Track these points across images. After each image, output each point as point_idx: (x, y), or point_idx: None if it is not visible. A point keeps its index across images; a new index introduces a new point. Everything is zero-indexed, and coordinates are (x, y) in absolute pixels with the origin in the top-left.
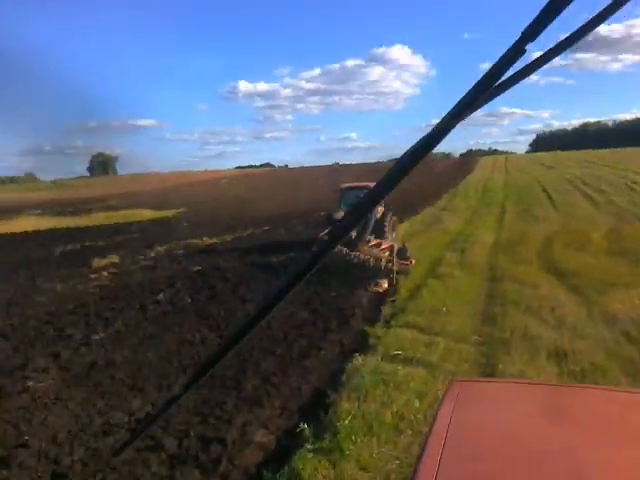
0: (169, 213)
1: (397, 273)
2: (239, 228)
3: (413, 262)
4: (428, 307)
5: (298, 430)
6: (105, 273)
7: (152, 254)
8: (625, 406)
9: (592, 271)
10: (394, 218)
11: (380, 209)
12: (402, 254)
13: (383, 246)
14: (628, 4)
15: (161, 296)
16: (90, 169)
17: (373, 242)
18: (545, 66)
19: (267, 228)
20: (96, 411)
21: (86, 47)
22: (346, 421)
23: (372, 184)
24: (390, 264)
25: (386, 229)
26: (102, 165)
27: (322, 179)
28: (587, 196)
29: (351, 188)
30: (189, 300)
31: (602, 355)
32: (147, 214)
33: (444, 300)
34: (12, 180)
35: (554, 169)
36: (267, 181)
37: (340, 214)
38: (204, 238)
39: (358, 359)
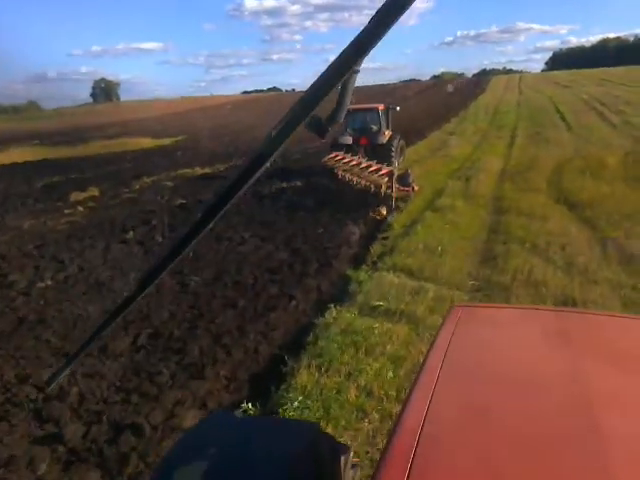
0: (167, 141)
1: (397, 200)
2: (235, 157)
3: (416, 188)
4: (422, 245)
5: (240, 412)
6: (81, 208)
7: (137, 186)
8: (628, 332)
9: (607, 201)
10: (402, 142)
11: (387, 132)
12: (404, 180)
13: (382, 171)
14: None
15: (130, 234)
16: (93, 96)
17: (373, 167)
18: None
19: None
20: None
21: None
22: (296, 402)
23: (378, 105)
24: (389, 190)
25: (393, 153)
26: (105, 92)
27: (329, 104)
28: (604, 117)
29: (356, 110)
30: (160, 239)
31: (618, 305)
32: (145, 142)
33: (441, 237)
34: (15, 109)
35: (570, 88)
36: (272, 106)
37: (346, 138)
38: (196, 168)
39: (332, 312)
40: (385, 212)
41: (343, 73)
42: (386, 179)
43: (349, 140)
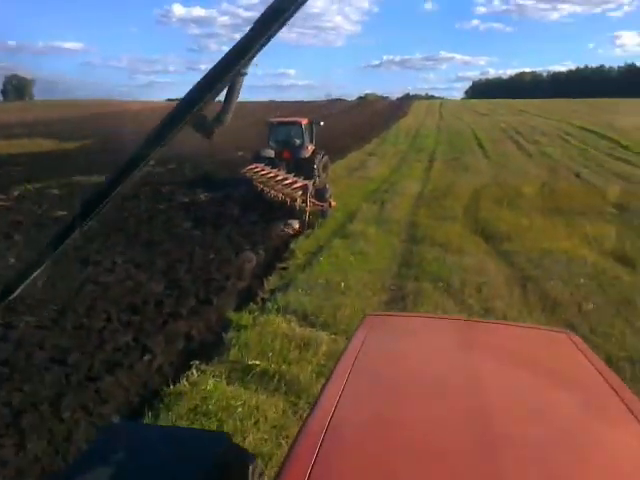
0: (72, 145)
1: (311, 215)
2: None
3: (333, 204)
4: (324, 280)
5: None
6: None
7: (16, 193)
8: (526, 340)
9: (525, 234)
10: (325, 158)
11: (310, 147)
12: (321, 195)
13: (296, 185)
14: None
15: None
16: (4, 92)
17: (288, 180)
18: (484, 9)
19: (172, 167)
20: None
21: None
22: None
23: (302, 119)
24: (304, 204)
25: (315, 168)
26: (16, 89)
27: (252, 117)
28: (520, 146)
29: (280, 123)
30: (12, 260)
31: None
32: (47, 145)
33: (346, 270)
34: None
35: (488, 116)
36: None
37: (269, 152)
38: (94, 176)
39: (192, 375)
40: (297, 226)
41: (223, 76)
42: (300, 192)
43: (271, 153)
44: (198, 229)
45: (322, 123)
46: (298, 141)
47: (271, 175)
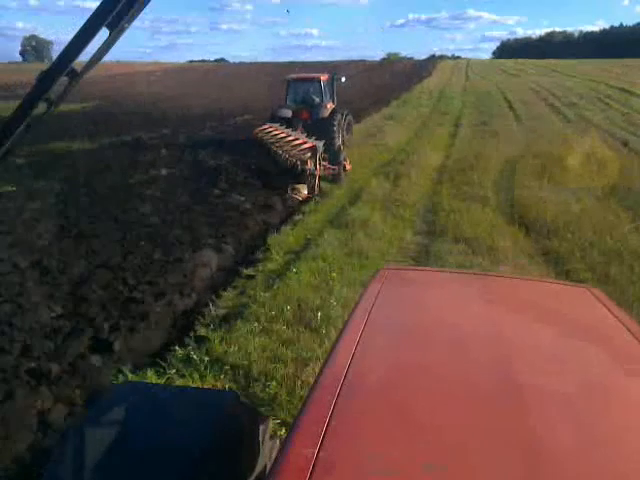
0: (74, 107)
1: (323, 178)
2: (134, 129)
3: (348, 167)
4: (294, 304)
5: None
6: None
7: None
8: (545, 294)
9: (578, 225)
10: (349, 117)
11: (330, 105)
12: (334, 156)
13: (304, 146)
14: None
15: None
16: (22, 54)
17: (298, 141)
18: None
19: (165, 131)
20: None
21: None
22: None
23: (321, 75)
24: (314, 168)
25: (335, 128)
26: (36, 50)
27: (272, 77)
28: (555, 109)
29: (299, 79)
30: None
31: None
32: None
33: (331, 287)
34: None
35: (518, 77)
36: (213, 77)
37: (285, 111)
38: (76, 142)
39: None
40: (306, 192)
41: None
42: (308, 154)
43: (288, 113)
44: (155, 215)
45: (344, 79)
46: (317, 99)
47: (282, 135)
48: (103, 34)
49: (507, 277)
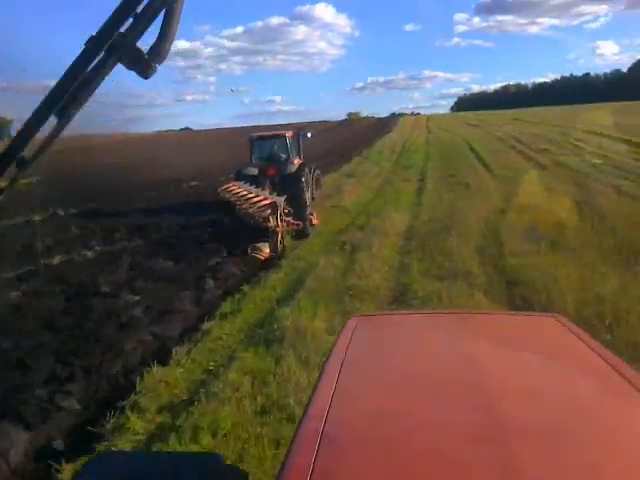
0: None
1: (289, 235)
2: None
3: (315, 221)
4: None
5: None
6: None
7: None
8: (516, 328)
9: (604, 309)
10: (317, 172)
11: (297, 161)
12: (300, 211)
13: (263, 202)
14: None
15: None
16: None
17: (257, 198)
18: (465, 27)
19: (92, 205)
20: None
21: None
22: None
23: (286, 132)
24: (274, 224)
25: (303, 184)
26: None
27: (233, 141)
28: (527, 157)
29: (262, 137)
30: None
31: None
32: None
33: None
34: None
35: (480, 127)
36: (174, 145)
37: (251, 169)
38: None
39: None
40: (268, 250)
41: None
42: (268, 211)
43: (254, 171)
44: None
45: (310, 134)
46: (283, 155)
47: (242, 193)
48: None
49: (475, 313)
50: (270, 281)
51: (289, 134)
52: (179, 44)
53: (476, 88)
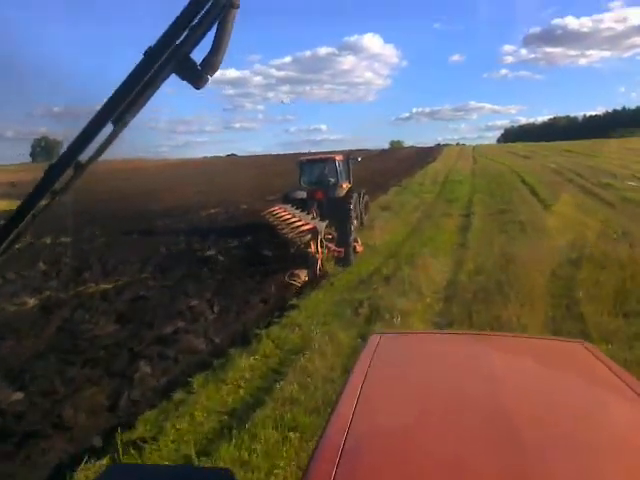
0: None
1: (334, 261)
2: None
3: (359, 249)
4: None
5: None
6: None
7: None
8: (537, 351)
9: None
10: (366, 197)
11: (346, 185)
12: (344, 238)
13: (304, 227)
14: None
15: None
16: (32, 155)
17: (297, 222)
18: (512, 59)
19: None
20: None
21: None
22: None
23: (336, 155)
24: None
25: (351, 209)
26: (45, 150)
27: (272, 168)
28: (589, 192)
29: (312, 161)
30: None
31: None
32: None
33: None
34: None
35: (530, 159)
36: (212, 170)
37: (299, 193)
38: None
39: None
40: (305, 277)
41: (209, 10)
42: (308, 236)
43: (302, 194)
44: None
45: (360, 159)
46: (332, 179)
47: (286, 217)
48: (108, 128)
49: (500, 335)
50: (233, 387)
51: (339, 157)
52: (229, 73)
53: (523, 120)
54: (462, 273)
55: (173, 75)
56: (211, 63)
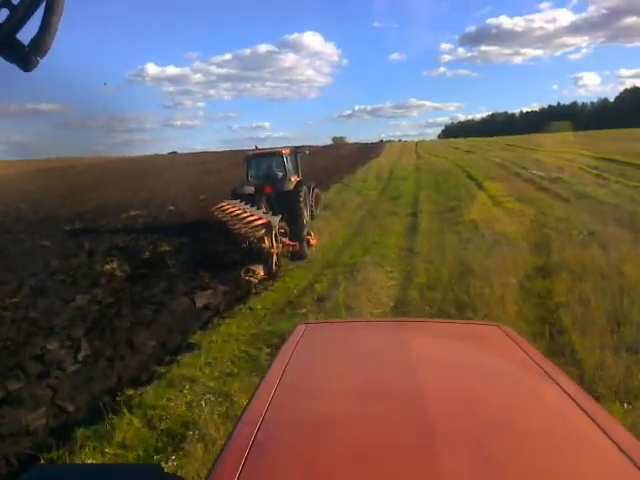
0: None
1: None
2: None
3: (313, 242)
4: None
5: None
6: None
7: None
8: (457, 335)
9: None
10: (316, 190)
11: (294, 179)
12: (297, 232)
13: (257, 222)
14: None
15: None
16: None
17: (251, 217)
18: (450, 57)
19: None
20: None
21: None
22: None
23: (283, 149)
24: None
25: (301, 202)
26: None
27: (212, 165)
28: (540, 187)
29: (259, 155)
30: None
31: None
32: None
33: None
34: None
35: (473, 153)
36: (147, 168)
37: (248, 188)
38: None
39: None
40: (262, 273)
41: None
42: (262, 231)
43: (250, 189)
44: None
45: (307, 151)
46: (280, 173)
47: (237, 213)
48: None
49: (421, 321)
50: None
51: (286, 151)
52: (168, 70)
53: (462, 117)
54: (413, 289)
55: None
56: (39, 44)
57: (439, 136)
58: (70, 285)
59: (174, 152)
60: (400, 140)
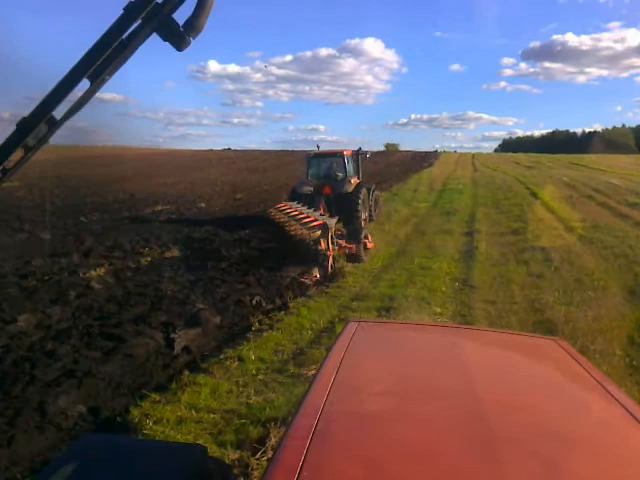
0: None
1: (346, 258)
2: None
3: (370, 245)
4: None
5: None
6: None
7: None
8: (514, 346)
9: None
10: (376, 193)
11: (354, 181)
12: (355, 234)
13: (313, 224)
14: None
15: None
16: None
17: (307, 219)
18: (511, 72)
19: None
20: None
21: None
22: None
23: (344, 150)
24: (325, 248)
25: (359, 204)
26: None
27: (261, 163)
28: (617, 213)
29: (319, 155)
30: None
31: None
32: None
33: None
34: None
35: (536, 169)
36: (196, 162)
37: (306, 188)
38: None
39: None
40: (317, 274)
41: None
42: (318, 232)
43: (309, 189)
44: None
45: (369, 155)
46: (340, 174)
47: (293, 214)
48: (85, 85)
49: (476, 329)
50: None
51: (347, 152)
52: (230, 68)
53: (519, 132)
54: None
55: (155, 36)
56: (194, 25)
57: (496, 150)
58: (27, 297)
59: (228, 148)
60: (456, 151)
